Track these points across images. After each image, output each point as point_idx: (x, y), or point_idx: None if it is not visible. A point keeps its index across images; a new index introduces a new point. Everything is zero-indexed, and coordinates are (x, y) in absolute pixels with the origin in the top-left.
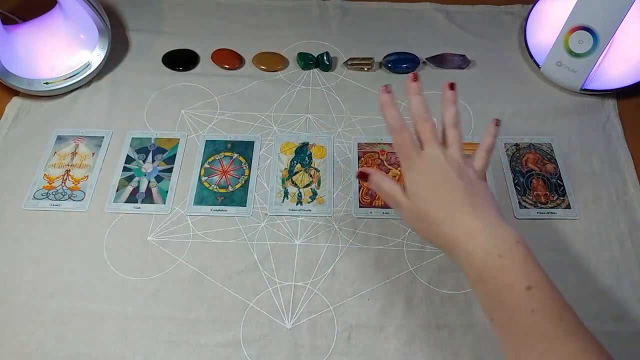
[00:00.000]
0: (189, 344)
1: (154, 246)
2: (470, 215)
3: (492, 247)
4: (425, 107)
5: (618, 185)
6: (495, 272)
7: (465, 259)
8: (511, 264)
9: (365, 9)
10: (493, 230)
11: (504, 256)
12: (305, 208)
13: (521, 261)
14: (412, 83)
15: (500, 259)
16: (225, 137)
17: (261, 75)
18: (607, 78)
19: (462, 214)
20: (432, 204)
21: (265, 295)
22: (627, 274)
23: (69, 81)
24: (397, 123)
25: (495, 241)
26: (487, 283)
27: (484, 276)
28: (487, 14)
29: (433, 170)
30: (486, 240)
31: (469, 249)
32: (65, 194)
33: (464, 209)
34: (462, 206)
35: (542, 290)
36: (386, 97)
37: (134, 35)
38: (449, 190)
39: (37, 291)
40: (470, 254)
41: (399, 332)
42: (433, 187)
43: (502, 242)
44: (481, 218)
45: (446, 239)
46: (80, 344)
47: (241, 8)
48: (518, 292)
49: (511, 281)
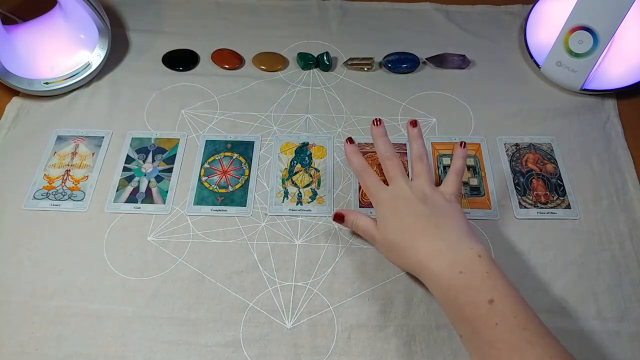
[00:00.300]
0: (189, 344)
1: (154, 246)
2: (432, 238)
3: (453, 265)
4: (390, 147)
5: (618, 185)
6: (457, 289)
7: (429, 280)
8: (472, 279)
9: (365, 9)
10: (454, 248)
11: (465, 272)
12: (305, 208)
13: (482, 276)
14: (377, 128)
15: (461, 276)
16: (225, 137)
17: (261, 75)
18: (607, 78)
19: (425, 237)
20: (399, 234)
21: (265, 295)
22: (627, 274)
23: (69, 81)
24: (361, 167)
25: (456, 258)
26: (451, 301)
27: (448, 294)
28: (487, 14)
29: (398, 202)
30: (448, 258)
31: (432, 269)
32: (65, 194)
33: (427, 233)
34: (425, 231)
35: (504, 303)
36: (351, 147)
37: (134, 35)
38: (413, 218)
39: (37, 291)
40: (434, 274)
41: (399, 332)
42: (399, 217)
43: (463, 259)
44: (443, 239)
45: (413, 264)
46: (80, 344)
47: (241, 8)
48: (480, 307)
49: (473, 297)
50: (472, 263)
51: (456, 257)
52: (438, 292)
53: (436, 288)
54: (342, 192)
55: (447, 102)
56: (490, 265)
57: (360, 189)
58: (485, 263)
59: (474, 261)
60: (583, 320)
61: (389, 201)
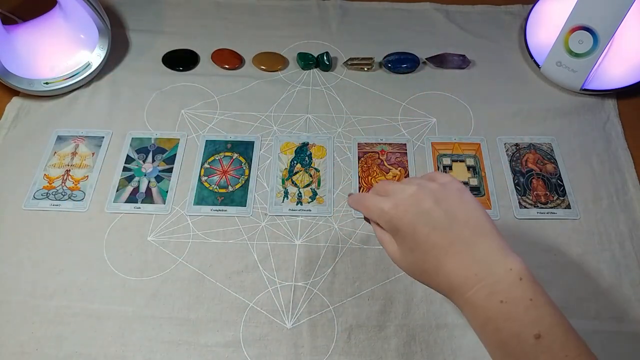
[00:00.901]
0: (189, 344)
1: (154, 246)
2: (459, 259)
3: (492, 294)
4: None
5: (618, 185)
6: (498, 321)
7: (465, 309)
8: (515, 309)
9: (365, 9)
10: (489, 270)
11: (506, 302)
12: (305, 208)
13: (526, 304)
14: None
15: (502, 306)
16: (225, 137)
17: (261, 75)
18: (607, 78)
19: (449, 261)
20: (417, 254)
21: (265, 295)
22: (627, 274)
23: (69, 81)
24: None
25: (495, 285)
26: (491, 333)
27: (487, 327)
28: (487, 14)
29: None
30: (484, 286)
31: (467, 298)
32: (65, 194)
33: (449, 252)
34: (447, 250)
35: (552, 337)
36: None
37: (134, 35)
38: (430, 232)
39: (37, 291)
40: (470, 304)
41: (399, 332)
42: (412, 229)
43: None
44: (473, 258)
45: (443, 290)
46: (80, 344)
47: (241, 8)
48: (525, 342)
49: (517, 330)
50: (513, 289)
51: (495, 284)
52: (475, 323)
53: (473, 319)
54: (342, 192)
55: (447, 102)
56: (533, 288)
57: (360, 189)
58: (527, 287)
59: (515, 286)
60: (583, 320)
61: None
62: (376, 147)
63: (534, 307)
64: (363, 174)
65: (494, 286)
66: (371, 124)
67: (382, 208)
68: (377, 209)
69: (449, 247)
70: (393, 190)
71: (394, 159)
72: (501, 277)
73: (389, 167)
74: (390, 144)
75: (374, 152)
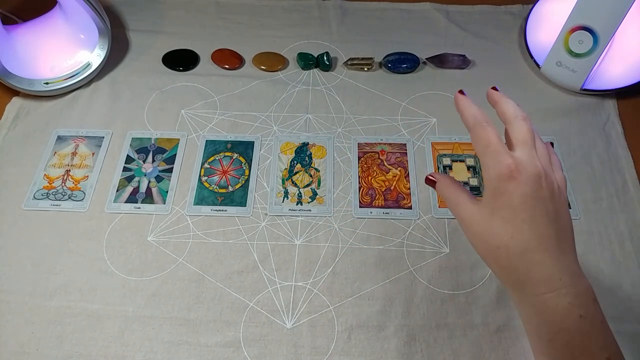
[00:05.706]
0: (189, 344)
1: (154, 246)
2: (550, 255)
3: (573, 305)
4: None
5: (618, 185)
6: (572, 335)
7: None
8: (591, 328)
9: (365, 9)
10: (574, 282)
11: (585, 318)
12: (305, 208)
13: (600, 327)
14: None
15: (581, 321)
16: (225, 137)
17: (261, 75)
18: (607, 78)
19: (540, 250)
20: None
21: (265, 295)
22: (627, 274)
23: (69, 81)
24: (482, 117)
25: (577, 298)
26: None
27: (558, 336)
28: (487, 14)
29: (524, 182)
30: (566, 293)
31: (545, 299)
32: (65, 194)
33: (545, 243)
34: (543, 241)
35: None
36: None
37: (134, 35)
38: (537, 215)
39: (37, 291)
40: (546, 306)
41: (399, 332)
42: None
43: (583, 300)
44: (562, 262)
45: (516, 277)
46: (80, 344)
47: (241, 8)
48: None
49: (591, 350)
50: (591, 307)
51: (577, 296)
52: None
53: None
54: (342, 192)
55: (447, 102)
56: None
57: (360, 189)
58: (598, 309)
59: (592, 305)
60: None
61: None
62: (376, 147)
63: (605, 330)
64: (363, 174)
65: (577, 298)
66: (371, 124)
67: (504, 161)
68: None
69: (544, 239)
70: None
71: (394, 159)
72: (582, 292)
73: (389, 167)
74: (390, 144)
75: (374, 152)
